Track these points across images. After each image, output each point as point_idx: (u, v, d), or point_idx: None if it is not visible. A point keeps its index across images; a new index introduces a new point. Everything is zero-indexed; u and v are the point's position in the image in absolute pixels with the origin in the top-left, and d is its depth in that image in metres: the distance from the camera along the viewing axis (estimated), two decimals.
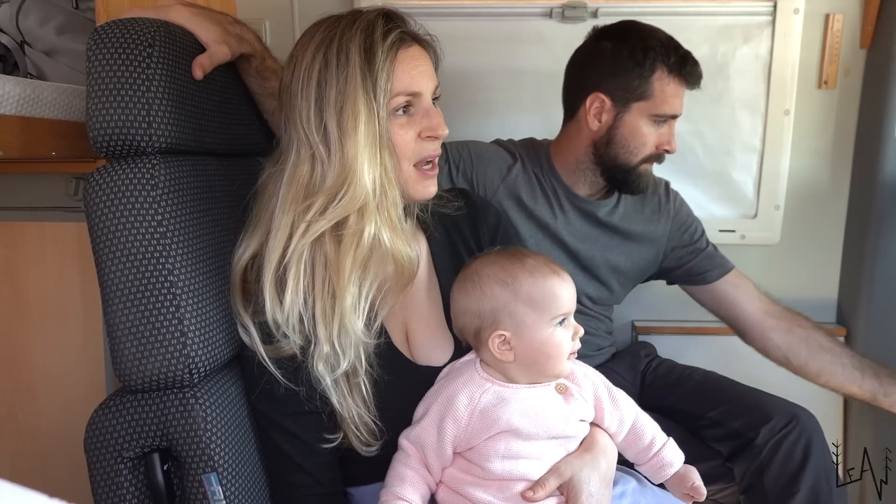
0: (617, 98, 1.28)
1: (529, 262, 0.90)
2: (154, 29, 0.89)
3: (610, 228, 1.40)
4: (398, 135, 0.93)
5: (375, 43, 0.90)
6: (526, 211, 1.36)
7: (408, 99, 0.93)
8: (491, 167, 1.36)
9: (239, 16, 1.63)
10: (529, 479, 0.88)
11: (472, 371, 0.92)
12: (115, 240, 0.85)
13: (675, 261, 1.44)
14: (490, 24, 1.69)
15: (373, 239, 0.91)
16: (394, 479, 0.90)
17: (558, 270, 0.91)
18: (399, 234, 0.94)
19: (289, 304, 0.90)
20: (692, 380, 1.39)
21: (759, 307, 1.40)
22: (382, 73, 0.90)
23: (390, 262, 0.94)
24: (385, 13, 0.95)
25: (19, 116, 1.15)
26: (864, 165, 1.73)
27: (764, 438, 1.20)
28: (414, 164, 0.96)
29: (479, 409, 0.88)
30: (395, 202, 0.93)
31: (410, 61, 0.93)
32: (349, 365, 0.91)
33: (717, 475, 1.27)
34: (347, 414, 0.92)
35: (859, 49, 1.71)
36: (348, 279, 0.90)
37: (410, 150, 0.95)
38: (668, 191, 1.45)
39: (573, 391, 0.92)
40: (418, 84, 0.94)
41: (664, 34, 1.29)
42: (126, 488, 0.87)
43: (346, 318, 0.90)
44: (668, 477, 0.95)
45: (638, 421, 0.95)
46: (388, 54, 0.91)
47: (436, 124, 0.95)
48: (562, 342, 0.89)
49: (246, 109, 1.12)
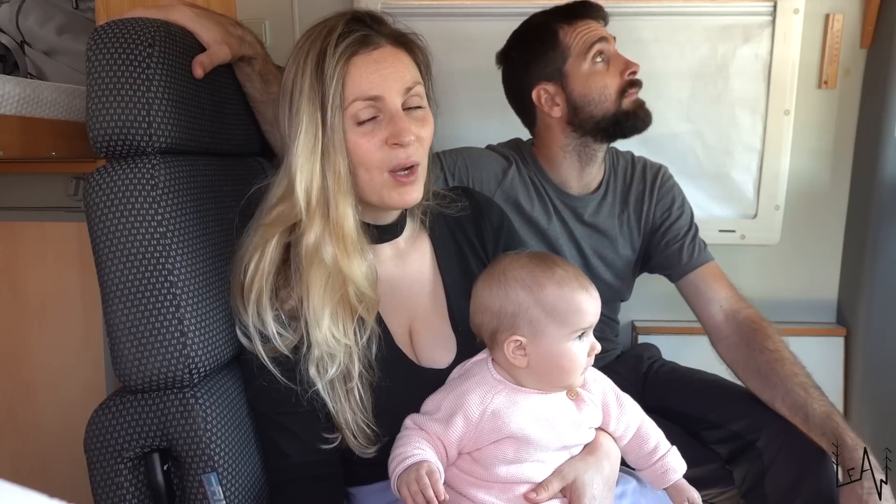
0: (551, 76, 1.30)
1: (559, 272, 0.88)
2: (154, 29, 0.89)
3: (593, 228, 1.40)
4: (359, 143, 0.91)
5: (327, 49, 0.89)
6: (524, 215, 1.36)
7: (368, 104, 0.90)
8: (486, 172, 1.35)
9: (239, 16, 1.64)
10: (533, 482, 0.87)
11: (484, 371, 0.91)
12: (115, 240, 0.85)
13: (653, 247, 1.42)
14: (490, 24, 1.68)
15: (314, 248, 0.90)
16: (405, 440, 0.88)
17: (587, 285, 0.89)
18: (348, 247, 0.91)
19: (253, 308, 0.90)
20: (694, 382, 1.39)
21: (716, 313, 1.32)
22: (332, 80, 0.88)
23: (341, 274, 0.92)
24: (352, 17, 0.93)
25: (19, 116, 1.15)
26: (864, 165, 1.73)
27: (765, 441, 1.19)
28: (388, 171, 0.92)
29: (490, 410, 0.87)
30: (345, 213, 0.90)
31: (370, 65, 0.90)
32: (340, 370, 0.91)
33: (717, 478, 1.26)
34: (343, 419, 0.92)
35: (859, 49, 1.71)
36: (310, 284, 0.90)
37: (377, 158, 0.91)
38: (656, 176, 1.42)
39: (585, 398, 0.91)
40: (378, 88, 0.90)
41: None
42: (126, 488, 0.87)
43: (321, 323, 0.90)
44: (669, 483, 0.94)
45: (643, 426, 0.95)
46: (339, 59, 0.89)
47: (399, 131, 0.90)
48: (578, 356, 0.87)
49: (246, 110, 1.12)
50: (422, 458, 0.84)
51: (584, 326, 0.87)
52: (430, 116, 0.97)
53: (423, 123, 0.95)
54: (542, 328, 0.86)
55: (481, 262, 1.09)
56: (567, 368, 0.88)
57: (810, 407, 1.15)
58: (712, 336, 1.34)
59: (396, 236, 1.03)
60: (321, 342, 0.90)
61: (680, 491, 0.94)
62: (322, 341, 0.90)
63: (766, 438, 1.19)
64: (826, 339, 1.80)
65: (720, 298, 1.32)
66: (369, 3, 1.62)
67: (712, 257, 1.38)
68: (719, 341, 1.32)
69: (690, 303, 1.38)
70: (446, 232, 1.09)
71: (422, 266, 1.06)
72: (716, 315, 1.32)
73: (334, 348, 0.90)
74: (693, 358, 1.51)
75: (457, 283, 1.06)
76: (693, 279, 1.36)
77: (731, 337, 1.30)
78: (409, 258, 1.05)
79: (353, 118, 0.90)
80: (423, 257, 1.06)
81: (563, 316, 0.86)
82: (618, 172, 1.42)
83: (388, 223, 1.02)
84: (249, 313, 0.91)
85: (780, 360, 1.21)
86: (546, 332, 0.86)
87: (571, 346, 0.87)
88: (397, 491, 0.84)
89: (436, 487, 0.80)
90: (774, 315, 1.36)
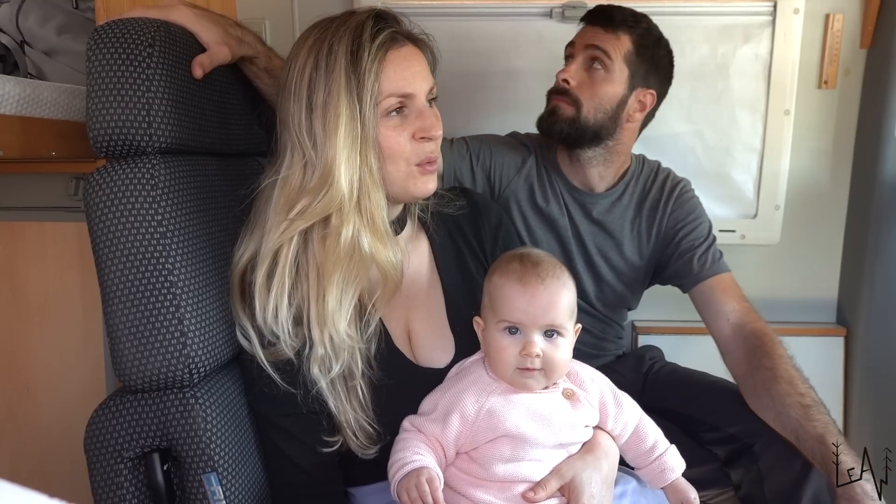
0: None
1: (514, 265, 0.91)
2: (154, 29, 0.89)
3: (600, 226, 1.40)
4: (391, 137, 0.93)
5: (363, 44, 0.90)
6: (537, 206, 1.38)
7: (400, 100, 0.93)
8: (507, 158, 1.39)
9: (239, 16, 1.64)
10: (531, 481, 0.87)
11: (480, 370, 0.92)
12: (115, 240, 0.85)
13: (665, 258, 1.41)
14: (490, 24, 1.69)
15: (351, 240, 0.91)
16: (404, 444, 0.89)
17: (533, 283, 0.89)
18: (382, 237, 0.93)
19: (273, 307, 0.90)
20: (694, 384, 1.38)
21: (724, 326, 1.29)
22: (369, 75, 0.89)
23: (373, 265, 0.94)
24: (377, 14, 0.94)
25: (19, 116, 1.15)
26: (864, 165, 1.73)
27: (762, 446, 1.17)
28: (416, 163, 0.95)
29: (486, 409, 0.88)
30: (378, 204, 0.93)
31: (402, 62, 0.93)
32: (343, 368, 0.91)
33: (714, 479, 1.25)
34: (344, 418, 0.92)
35: (859, 49, 1.71)
36: (330, 280, 0.90)
37: (406, 151, 0.94)
38: (675, 188, 1.41)
39: (580, 396, 0.91)
40: (410, 85, 0.93)
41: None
42: (126, 488, 0.87)
43: (331, 320, 0.90)
44: (667, 482, 0.94)
45: (641, 424, 0.95)
46: (375, 55, 0.90)
47: (429, 125, 0.94)
48: (504, 350, 0.89)
49: (245, 110, 1.12)
50: (421, 465, 0.84)
51: (510, 319, 0.88)
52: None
53: (440, 119, 0.97)
54: (486, 313, 0.93)
55: (479, 261, 1.09)
56: (495, 359, 0.90)
57: (802, 430, 1.10)
58: (720, 349, 1.30)
59: (395, 234, 1.03)
60: (333, 340, 0.90)
61: (678, 490, 0.94)
62: (331, 339, 0.90)
63: (762, 443, 1.18)
64: (826, 339, 1.80)
65: (728, 311, 1.29)
66: (369, 3, 1.62)
67: (727, 269, 1.34)
68: (726, 355, 1.29)
69: (701, 315, 1.34)
70: (444, 231, 1.09)
71: (420, 265, 1.06)
72: (723, 328, 1.29)
73: (344, 346, 0.91)
74: (693, 358, 1.51)
75: (455, 282, 1.06)
76: (702, 290, 1.33)
77: (736, 352, 1.26)
78: (408, 258, 1.05)
79: (383, 112, 0.92)
80: (421, 257, 1.06)
81: (493, 303, 0.91)
82: (639, 178, 1.41)
83: (390, 220, 1.02)
84: (259, 313, 0.90)
85: (775, 378, 1.17)
86: (486, 317, 0.93)
87: (498, 337, 0.90)
88: (397, 497, 0.85)
89: (435, 495, 0.82)
90: (774, 315, 1.35)
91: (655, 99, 1.34)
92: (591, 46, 1.30)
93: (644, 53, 1.30)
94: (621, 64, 1.29)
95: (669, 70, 1.36)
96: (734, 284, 1.33)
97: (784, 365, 1.19)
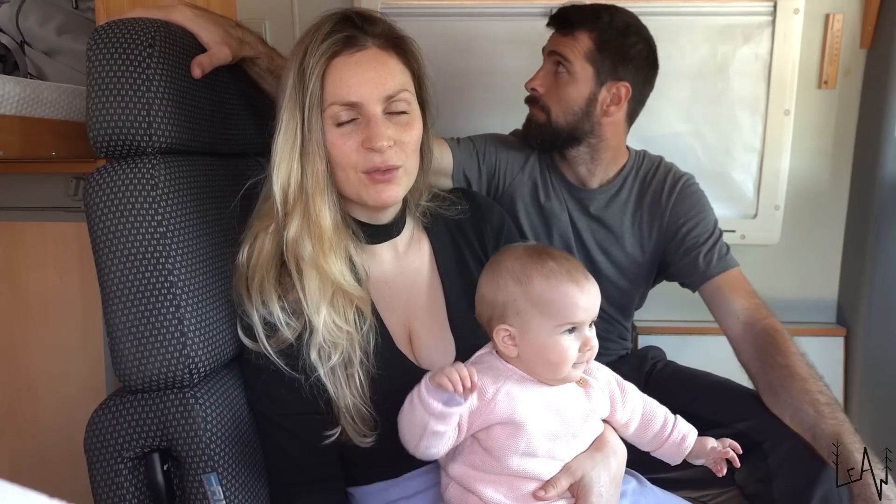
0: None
1: (550, 264, 0.88)
2: (154, 29, 0.89)
3: (599, 222, 1.40)
4: (336, 145, 0.92)
5: (311, 50, 0.90)
6: (538, 203, 1.39)
7: (346, 108, 0.91)
8: (511, 156, 1.41)
9: (239, 16, 1.64)
10: (541, 479, 0.87)
11: (493, 360, 0.91)
12: (115, 240, 0.85)
13: (670, 254, 1.40)
14: (490, 24, 1.69)
15: (292, 244, 0.92)
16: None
17: (579, 279, 0.87)
18: (325, 244, 0.92)
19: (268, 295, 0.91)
20: (698, 383, 1.37)
21: (734, 324, 1.28)
22: (311, 80, 0.90)
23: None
24: (343, 16, 0.93)
25: (19, 116, 1.15)
26: (864, 165, 1.73)
27: (772, 444, 1.16)
28: (363, 171, 0.93)
29: (503, 391, 0.87)
30: (320, 211, 0.92)
31: (350, 69, 0.91)
32: (342, 356, 0.91)
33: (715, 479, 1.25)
34: (343, 404, 0.92)
35: (859, 49, 1.71)
36: (307, 276, 0.91)
37: (352, 160, 0.92)
38: (677, 182, 1.39)
39: (593, 384, 0.92)
40: (356, 93, 0.91)
41: None
42: (126, 488, 0.87)
43: (320, 312, 0.91)
44: (690, 448, 0.94)
45: (647, 405, 0.96)
46: (318, 61, 0.90)
47: (373, 135, 0.90)
48: (566, 350, 0.87)
49: (245, 110, 1.12)
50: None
51: (571, 320, 0.86)
52: (417, 121, 0.97)
53: (406, 128, 0.95)
54: (530, 320, 0.87)
55: (481, 264, 1.08)
56: (554, 362, 0.87)
57: (818, 428, 1.10)
58: (733, 347, 1.29)
59: (392, 237, 1.03)
60: (322, 329, 0.90)
61: (705, 449, 0.94)
62: (323, 329, 0.90)
63: (773, 441, 1.16)
64: (826, 338, 1.80)
65: (737, 310, 1.27)
66: (369, 4, 1.62)
67: (734, 264, 1.32)
68: (738, 353, 1.28)
69: (712, 313, 1.33)
70: (446, 234, 1.09)
71: (421, 268, 1.06)
72: (734, 327, 1.27)
73: (336, 336, 0.91)
74: (694, 358, 1.50)
75: (456, 285, 1.06)
76: (711, 288, 1.31)
77: (748, 350, 1.25)
78: (408, 260, 1.05)
79: (332, 119, 0.92)
80: (422, 259, 1.06)
81: (548, 308, 0.86)
82: (638, 173, 1.41)
83: (384, 223, 1.02)
84: (254, 301, 0.91)
85: (791, 376, 1.16)
86: (533, 325, 0.87)
87: (560, 340, 0.86)
88: (427, 390, 0.81)
89: (473, 378, 0.79)
90: None
91: (630, 90, 1.31)
92: (553, 53, 1.32)
93: (607, 48, 1.29)
94: (583, 64, 1.29)
95: (647, 57, 1.33)
96: (742, 280, 1.31)
97: (798, 362, 1.18)
